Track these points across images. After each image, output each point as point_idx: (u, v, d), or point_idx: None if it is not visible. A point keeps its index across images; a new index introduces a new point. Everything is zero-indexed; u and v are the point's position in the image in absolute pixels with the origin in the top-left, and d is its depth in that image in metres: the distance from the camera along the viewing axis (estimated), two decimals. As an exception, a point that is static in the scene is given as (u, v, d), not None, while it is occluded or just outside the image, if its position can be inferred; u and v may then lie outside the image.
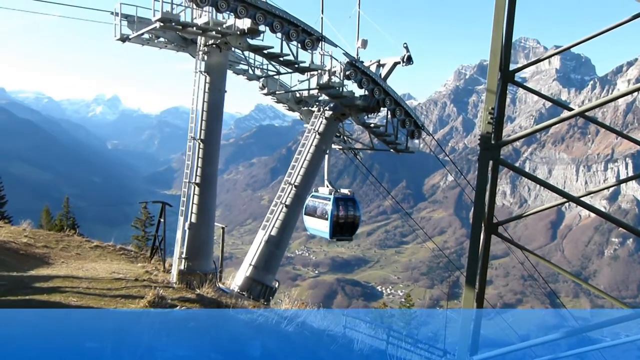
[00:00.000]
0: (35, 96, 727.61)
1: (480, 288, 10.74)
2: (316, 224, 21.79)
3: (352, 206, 21.99)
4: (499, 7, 10.37)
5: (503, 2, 10.40)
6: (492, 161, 11.09)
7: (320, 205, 21.45)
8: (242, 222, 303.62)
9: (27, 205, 67.25)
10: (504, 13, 10.63)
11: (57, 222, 41.79)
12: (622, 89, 9.98)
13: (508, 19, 10.92)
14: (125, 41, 19.30)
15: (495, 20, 10.41)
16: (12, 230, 24.65)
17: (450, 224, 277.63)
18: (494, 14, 10.41)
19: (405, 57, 20.05)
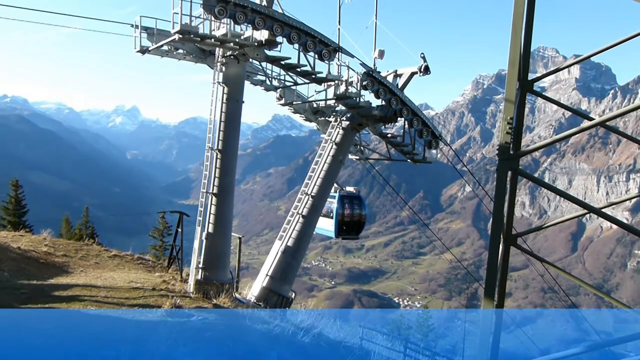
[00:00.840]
0: (57, 107, 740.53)
1: (499, 300, 10.60)
2: (321, 223, 21.68)
3: (358, 204, 21.85)
4: (517, 17, 10.31)
5: (521, 11, 10.34)
6: (510, 171, 10.99)
7: (326, 204, 21.36)
8: (258, 232, 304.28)
9: (47, 214, 68.16)
10: (522, 22, 10.57)
11: (76, 232, 42.25)
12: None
13: (526, 28, 10.86)
14: (145, 53, 19.56)
15: (514, 30, 10.35)
16: (33, 239, 25.01)
17: (468, 235, 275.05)
18: (512, 23, 10.35)
19: (423, 67, 20.00)
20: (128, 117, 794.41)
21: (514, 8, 10.33)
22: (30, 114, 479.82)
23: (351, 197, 21.74)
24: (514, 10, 10.25)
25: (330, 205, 21.30)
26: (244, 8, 16.27)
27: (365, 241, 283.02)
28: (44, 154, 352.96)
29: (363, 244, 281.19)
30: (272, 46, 17.84)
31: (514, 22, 10.26)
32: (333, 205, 21.13)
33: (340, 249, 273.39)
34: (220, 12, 15.88)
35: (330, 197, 21.46)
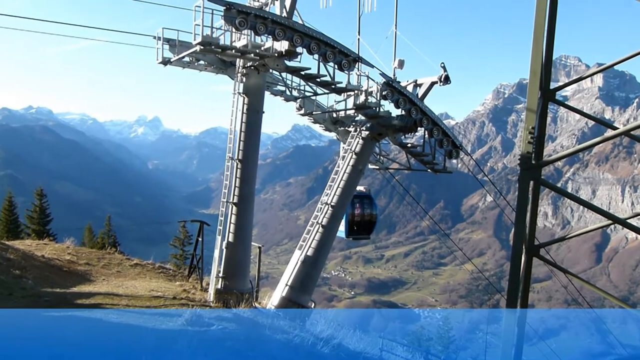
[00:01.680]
0: (81, 118, 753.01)
1: (521, 312, 10.43)
2: None
3: (369, 204, 21.66)
4: (538, 25, 10.23)
5: (543, 20, 10.26)
6: (532, 181, 10.86)
7: None
8: (278, 241, 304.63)
9: (70, 223, 69.18)
10: (544, 31, 10.47)
11: (99, 240, 42.79)
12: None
13: (548, 37, 10.75)
14: (167, 64, 19.85)
15: (535, 39, 10.26)
16: (57, 247, 25.41)
17: (489, 245, 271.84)
18: (534, 32, 10.26)
19: (443, 77, 19.90)
20: (150, 128, 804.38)
21: (535, 17, 10.26)
22: (54, 125, 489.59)
23: (361, 197, 21.54)
24: (535, 19, 10.18)
25: None
26: (265, 19, 16.42)
27: (385, 251, 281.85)
28: (67, 164, 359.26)
29: (383, 254, 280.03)
30: (292, 57, 17.95)
31: (536, 31, 10.19)
32: None
33: (360, 259, 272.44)
34: (241, 24, 16.05)
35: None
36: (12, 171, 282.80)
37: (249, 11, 16.18)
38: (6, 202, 41.00)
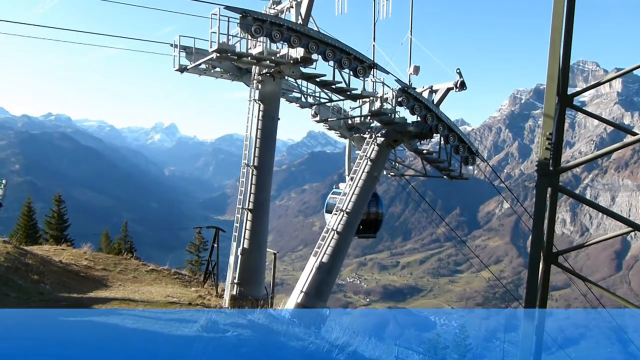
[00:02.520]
0: (98, 125, 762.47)
1: (539, 320, 10.28)
2: None
3: (374, 202, 21.49)
4: (555, 30, 10.13)
5: (560, 24, 10.16)
6: (550, 188, 10.73)
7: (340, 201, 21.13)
8: (293, 248, 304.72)
9: (88, 228, 69.95)
10: (561, 36, 10.36)
11: (115, 246, 43.18)
12: (691, 113, 9.50)
13: (565, 41, 10.64)
14: (184, 72, 20.02)
15: (552, 43, 10.16)
16: (74, 253, 25.68)
17: (506, 252, 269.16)
18: (551, 36, 10.16)
19: (459, 83, 19.81)
20: (166, 134, 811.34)
21: (552, 21, 10.16)
22: (73, 132, 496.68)
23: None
24: (552, 23, 10.09)
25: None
26: (280, 26, 16.50)
27: (400, 258, 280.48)
28: (85, 170, 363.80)
29: (398, 260, 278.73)
30: (307, 63, 17.99)
31: (553, 36, 10.09)
32: None
33: (376, 266, 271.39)
34: (256, 31, 16.14)
35: (344, 194, 21.26)
36: (32, 177, 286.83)
37: (265, 18, 16.27)
38: (25, 208, 41.59)
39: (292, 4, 18.15)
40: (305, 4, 17.77)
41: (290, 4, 18.33)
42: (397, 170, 23.40)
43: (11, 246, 20.30)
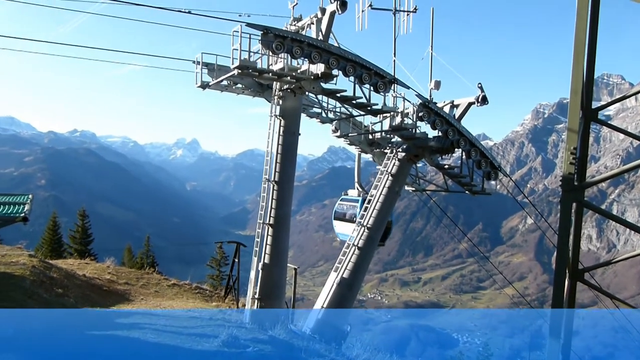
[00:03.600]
0: (122, 140, 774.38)
1: (565, 339, 10.04)
2: (345, 229, 21.27)
3: None
4: (579, 43, 10.02)
5: (583, 37, 10.05)
6: (575, 203, 10.54)
7: (349, 209, 20.98)
8: (314, 263, 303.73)
9: (111, 243, 70.77)
10: (585, 49, 10.25)
11: (138, 260, 43.56)
12: None
13: (589, 54, 10.51)
14: (206, 88, 20.26)
15: (576, 57, 10.05)
16: (97, 267, 26.00)
17: (530, 269, 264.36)
18: (574, 49, 10.05)
19: (480, 97, 19.70)
20: (188, 150, 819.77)
21: (575, 34, 10.07)
22: (97, 147, 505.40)
23: None
24: (575, 36, 9.99)
25: (353, 210, 20.93)
26: (301, 43, 16.64)
27: (422, 274, 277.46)
28: (109, 185, 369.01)
29: (420, 276, 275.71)
30: (328, 79, 18.09)
31: (576, 49, 9.99)
32: (356, 209, 20.74)
33: (397, 282, 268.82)
34: (277, 47, 16.29)
35: (353, 201, 21.10)
36: (57, 192, 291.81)
37: (286, 35, 16.43)
38: (50, 223, 42.29)
39: (313, 20, 18.32)
40: (326, 20, 17.92)
41: (310, 20, 18.51)
42: (419, 185, 23.26)
43: (37, 260, 20.61)
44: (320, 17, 18.06)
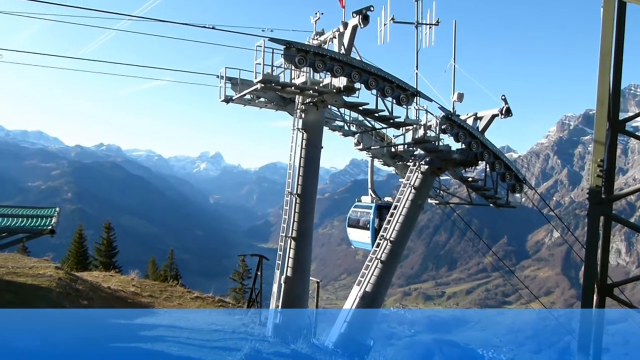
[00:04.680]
0: (147, 154, 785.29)
1: (594, 357, 9.78)
2: (359, 236, 21.07)
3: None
4: (604, 53, 9.87)
5: (609, 47, 9.90)
6: (603, 216, 10.32)
7: (363, 215, 20.78)
8: (336, 276, 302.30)
9: (135, 256, 71.48)
10: (611, 59, 10.08)
11: (161, 273, 43.96)
12: None
13: (615, 65, 10.33)
14: (229, 102, 20.47)
15: (602, 67, 9.90)
16: (122, 279, 26.28)
17: (557, 283, 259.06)
18: (600, 60, 9.90)
19: (504, 109, 19.52)
20: (212, 163, 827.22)
21: (601, 44, 9.92)
22: (122, 161, 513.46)
23: (389, 207, 21.00)
24: (601, 46, 9.85)
25: (367, 217, 20.73)
26: (323, 56, 16.72)
27: (446, 288, 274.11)
28: (134, 199, 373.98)
29: (444, 290, 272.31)
30: (350, 92, 18.13)
31: (602, 59, 9.84)
32: (369, 216, 20.52)
33: (420, 296, 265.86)
34: (300, 61, 16.40)
35: (367, 208, 20.94)
36: (83, 205, 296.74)
37: (308, 49, 16.55)
38: (77, 235, 42.99)
39: (335, 34, 18.42)
40: (348, 34, 18.00)
41: (333, 34, 18.62)
42: (442, 198, 23.07)
43: (63, 272, 20.91)
44: (342, 31, 18.16)
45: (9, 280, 16.88)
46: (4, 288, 15.74)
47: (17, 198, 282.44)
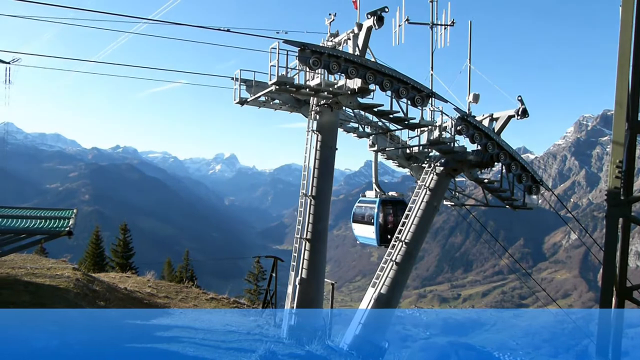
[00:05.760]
0: (163, 156, 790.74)
1: (614, 359, 9.64)
2: (363, 231, 20.94)
3: (402, 209, 20.83)
4: (623, 52, 9.73)
5: (628, 47, 9.77)
6: (622, 218, 10.17)
7: (367, 210, 20.66)
8: (351, 278, 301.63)
9: (151, 257, 72.03)
10: (630, 59, 9.94)
11: (177, 274, 44.23)
12: None
13: (634, 65, 10.18)
14: (244, 104, 20.56)
15: (620, 67, 9.76)
16: (138, 280, 26.49)
17: (575, 286, 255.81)
18: (618, 59, 9.76)
19: (520, 110, 19.36)
20: (227, 165, 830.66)
21: (620, 43, 9.78)
22: (139, 163, 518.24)
23: (394, 202, 20.84)
24: (620, 45, 9.71)
25: (371, 212, 20.59)
26: (338, 58, 16.72)
27: (461, 290, 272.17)
28: (150, 200, 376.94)
29: (459, 293, 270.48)
30: (364, 94, 18.10)
31: (620, 59, 9.70)
32: (373, 210, 20.38)
33: (436, 298, 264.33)
34: (314, 63, 16.42)
35: (371, 202, 20.82)
36: (100, 207, 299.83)
37: (323, 51, 16.55)
38: (93, 237, 43.44)
39: (350, 35, 18.40)
40: (363, 35, 17.97)
41: (347, 36, 18.60)
42: (457, 199, 22.93)
43: (80, 273, 21.14)
44: (356, 32, 18.13)
45: (27, 281, 17.10)
46: (23, 288, 15.95)
47: (35, 200, 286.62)
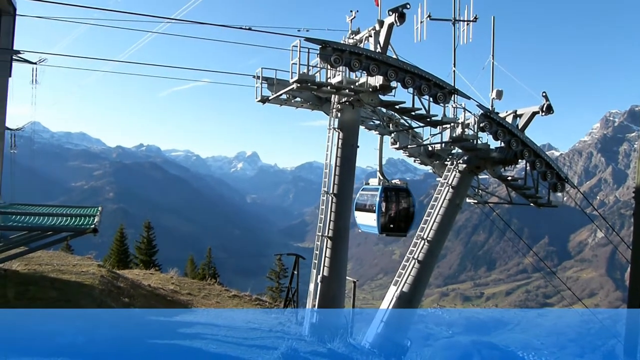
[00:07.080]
0: (185, 154, 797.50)
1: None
2: (365, 219, 20.55)
3: (405, 197, 20.41)
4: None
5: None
6: (651, 216, 9.95)
7: (369, 198, 20.33)
8: (373, 276, 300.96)
9: (174, 254, 72.75)
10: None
11: (200, 271, 44.63)
12: None
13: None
14: (265, 102, 20.59)
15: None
16: (162, 277, 26.80)
17: (601, 285, 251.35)
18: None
19: (545, 106, 19.07)
20: (248, 163, 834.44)
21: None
22: (162, 161, 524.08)
23: (396, 190, 20.43)
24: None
25: (373, 199, 20.25)
26: (359, 55, 16.65)
27: (484, 289, 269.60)
28: (173, 198, 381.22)
29: (482, 291, 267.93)
30: (386, 91, 18.00)
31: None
32: (375, 198, 20.05)
33: (458, 297, 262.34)
34: (336, 61, 16.38)
35: (372, 190, 20.49)
36: (124, 205, 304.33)
37: (344, 48, 16.50)
38: (118, 234, 44.08)
39: (371, 33, 18.31)
40: (384, 32, 17.86)
41: (368, 33, 18.51)
42: (480, 197, 22.69)
43: (105, 270, 21.44)
44: (378, 29, 18.03)
45: (54, 278, 17.41)
46: (50, 285, 16.24)
47: (61, 198, 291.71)
